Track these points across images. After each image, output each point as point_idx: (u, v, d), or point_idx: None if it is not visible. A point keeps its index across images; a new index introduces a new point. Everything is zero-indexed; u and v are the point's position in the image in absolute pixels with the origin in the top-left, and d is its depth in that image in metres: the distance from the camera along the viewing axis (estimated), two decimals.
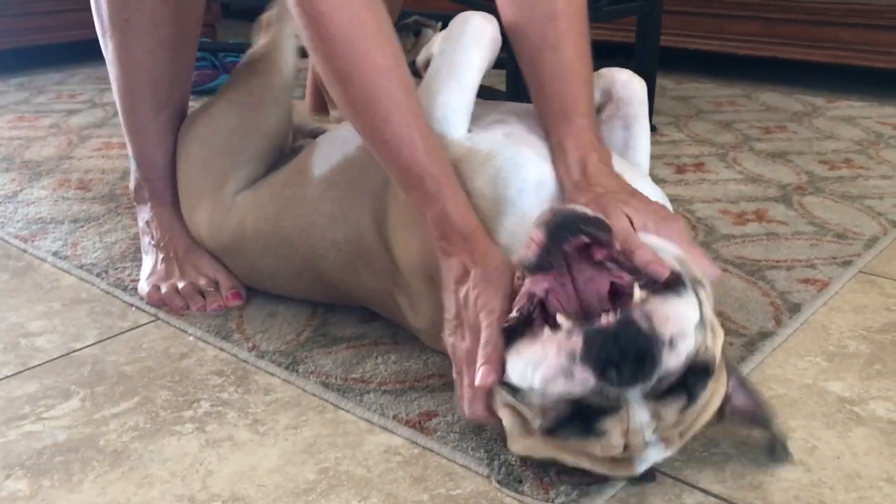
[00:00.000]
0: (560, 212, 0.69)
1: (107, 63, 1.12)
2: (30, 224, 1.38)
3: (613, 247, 0.68)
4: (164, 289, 1.10)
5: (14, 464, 0.79)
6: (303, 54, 1.04)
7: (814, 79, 2.38)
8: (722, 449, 0.79)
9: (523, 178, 0.82)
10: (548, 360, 0.64)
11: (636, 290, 0.66)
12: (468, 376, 0.75)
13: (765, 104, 2.16)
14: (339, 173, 0.99)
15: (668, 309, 0.65)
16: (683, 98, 2.22)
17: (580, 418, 0.66)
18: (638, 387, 0.63)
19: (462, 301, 0.76)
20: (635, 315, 0.64)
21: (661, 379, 0.64)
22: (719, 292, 0.77)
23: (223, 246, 1.10)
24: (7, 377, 0.94)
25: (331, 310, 1.07)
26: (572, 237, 0.67)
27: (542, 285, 0.68)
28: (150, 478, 0.77)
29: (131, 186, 1.20)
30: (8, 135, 1.93)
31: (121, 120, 1.16)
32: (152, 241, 1.16)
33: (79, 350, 1.00)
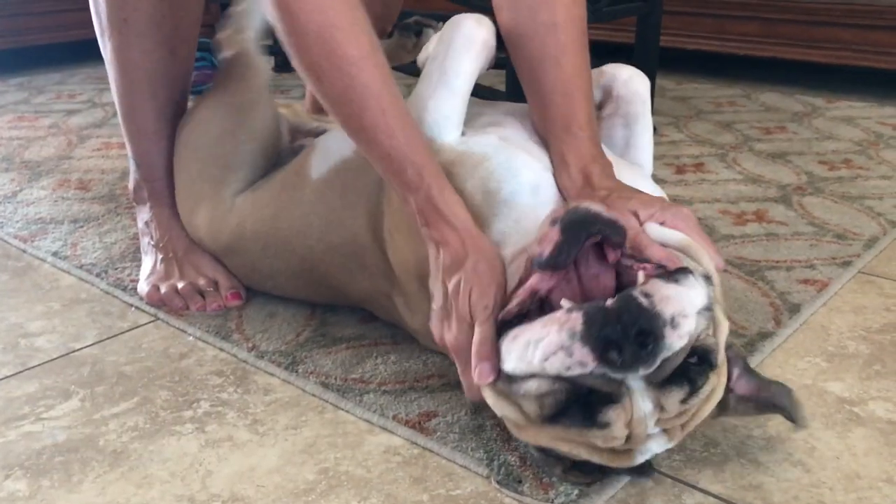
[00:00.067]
0: (576, 211, 0.67)
1: (106, 63, 1.12)
2: (29, 224, 1.38)
3: (626, 249, 0.68)
4: (163, 289, 1.10)
5: (13, 464, 0.79)
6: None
7: (814, 79, 2.38)
8: (721, 449, 0.79)
9: (518, 181, 0.81)
10: (549, 338, 0.63)
11: (640, 276, 0.66)
12: (460, 365, 0.75)
13: (765, 105, 2.16)
14: (335, 176, 0.98)
15: (669, 290, 0.64)
16: (683, 98, 2.22)
17: (583, 407, 0.65)
18: (640, 370, 0.63)
19: (452, 291, 0.75)
20: (636, 294, 0.63)
21: (664, 362, 0.63)
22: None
23: (223, 247, 1.10)
24: (6, 377, 0.94)
25: (330, 310, 1.07)
26: (589, 237, 0.66)
27: (548, 283, 0.67)
28: (149, 478, 0.77)
29: (130, 187, 1.21)
30: (7, 135, 1.93)
31: (120, 120, 1.16)
32: (151, 242, 1.16)
33: (78, 350, 1.00)
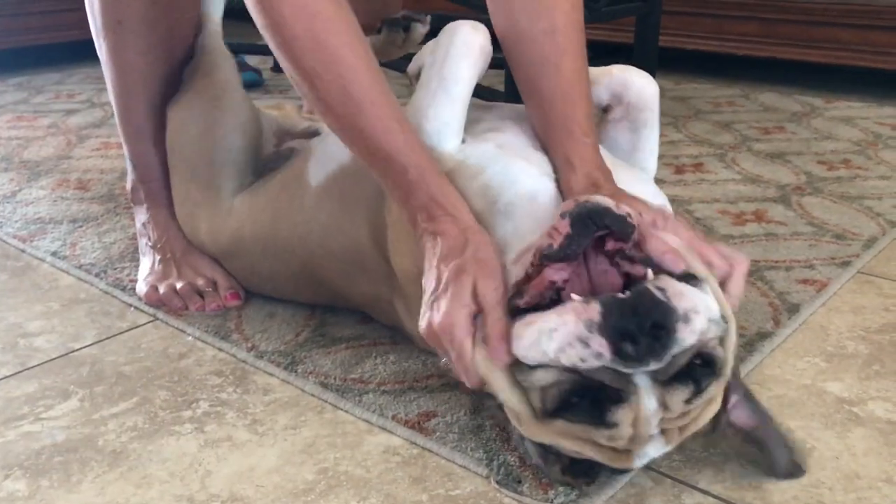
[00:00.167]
0: (585, 204, 0.68)
1: (102, 65, 1.12)
2: (28, 224, 1.38)
3: (632, 242, 0.68)
4: (161, 289, 1.10)
5: (13, 464, 0.79)
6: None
7: (812, 79, 2.39)
8: (721, 449, 0.79)
9: (515, 190, 0.81)
10: (565, 328, 0.63)
11: (649, 271, 0.67)
12: (453, 347, 0.72)
13: (763, 105, 2.16)
14: (334, 183, 0.98)
15: (682, 287, 0.65)
16: (682, 98, 2.22)
17: (590, 404, 0.65)
18: (651, 363, 0.63)
19: (450, 275, 0.74)
20: (650, 287, 0.64)
21: (673, 358, 0.63)
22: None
23: (222, 250, 1.10)
24: (6, 377, 0.94)
25: (329, 310, 1.07)
26: (598, 229, 0.66)
27: (562, 274, 0.67)
28: (148, 478, 0.77)
29: (128, 188, 1.21)
30: (6, 135, 1.93)
31: (116, 121, 1.16)
32: (149, 243, 1.16)
33: (77, 350, 1.00)
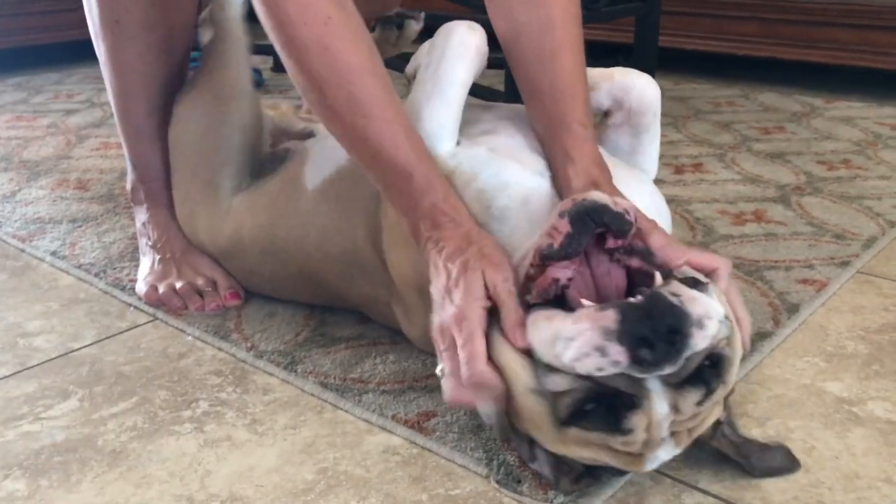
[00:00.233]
0: (584, 202, 0.67)
1: (100, 65, 1.12)
2: (28, 224, 1.38)
3: (631, 239, 0.68)
4: (161, 289, 1.10)
5: (12, 464, 0.79)
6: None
7: (812, 79, 2.39)
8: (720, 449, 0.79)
9: (507, 195, 0.81)
10: (582, 337, 0.62)
11: (657, 275, 0.66)
12: (461, 335, 0.69)
13: (763, 105, 2.16)
14: (331, 186, 0.98)
15: (694, 292, 0.65)
16: (682, 98, 2.22)
17: (606, 411, 0.65)
18: (666, 368, 0.62)
19: (458, 270, 0.72)
20: (664, 292, 0.64)
21: (687, 361, 0.63)
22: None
23: (221, 249, 1.10)
24: (5, 377, 0.94)
25: (329, 310, 1.07)
26: (598, 226, 0.66)
27: (566, 273, 0.67)
28: (148, 478, 0.77)
29: (128, 188, 1.21)
30: (6, 135, 1.93)
31: (116, 122, 1.16)
32: (149, 242, 1.16)
33: (77, 350, 1.00)
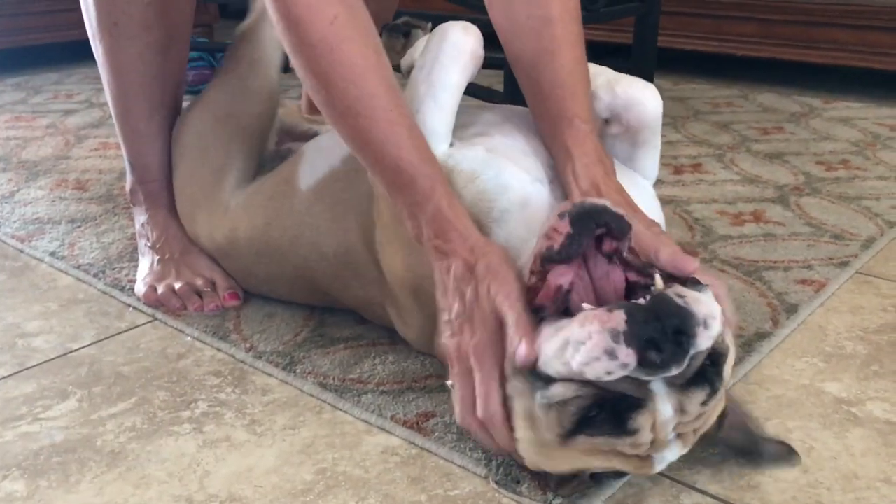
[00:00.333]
0: (583, 204, 0.68)
1: (98, 66, 1.12)
2: (27, 224, 1.38)
3: (629, 243, 0.68)
4: (160, 289, 1.10)
5: (11, 464, 0.79)
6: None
7: (811, 80, 2.39)
8: (720, 449, 0.79)
9: (507, 197, 0.80)
10: (591, 341, 0.62)
11: (657, 277, 0.66)
12: (480, 371, 0.70)
13: (762, 105, 2.16)
14: (325, 187, 0.98)
15: (697, 293, 0.65)
16: (681, 99, 2.23)
17: (610, 415, 0.65)
18: (673, 369, 0.62)
19: (471, 297, 0.73)
20: (670, 294, 0.64)
21: (691, 361, 0.63)
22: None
23: (219, 248, 1.10)
24: (4, 377, 0.94)
25: (328, 310, 1.07)
26: (598, 227, 0.66)
27: (567, 277, 0.67)
28: (147, 478, 0.77)
29: (127, 188, 1.20)
30: (5, 135, 1.93)
31: (114, 122, 1.16)
32: (148, 243, 1.16)
33: (76, 350, 1.00)
